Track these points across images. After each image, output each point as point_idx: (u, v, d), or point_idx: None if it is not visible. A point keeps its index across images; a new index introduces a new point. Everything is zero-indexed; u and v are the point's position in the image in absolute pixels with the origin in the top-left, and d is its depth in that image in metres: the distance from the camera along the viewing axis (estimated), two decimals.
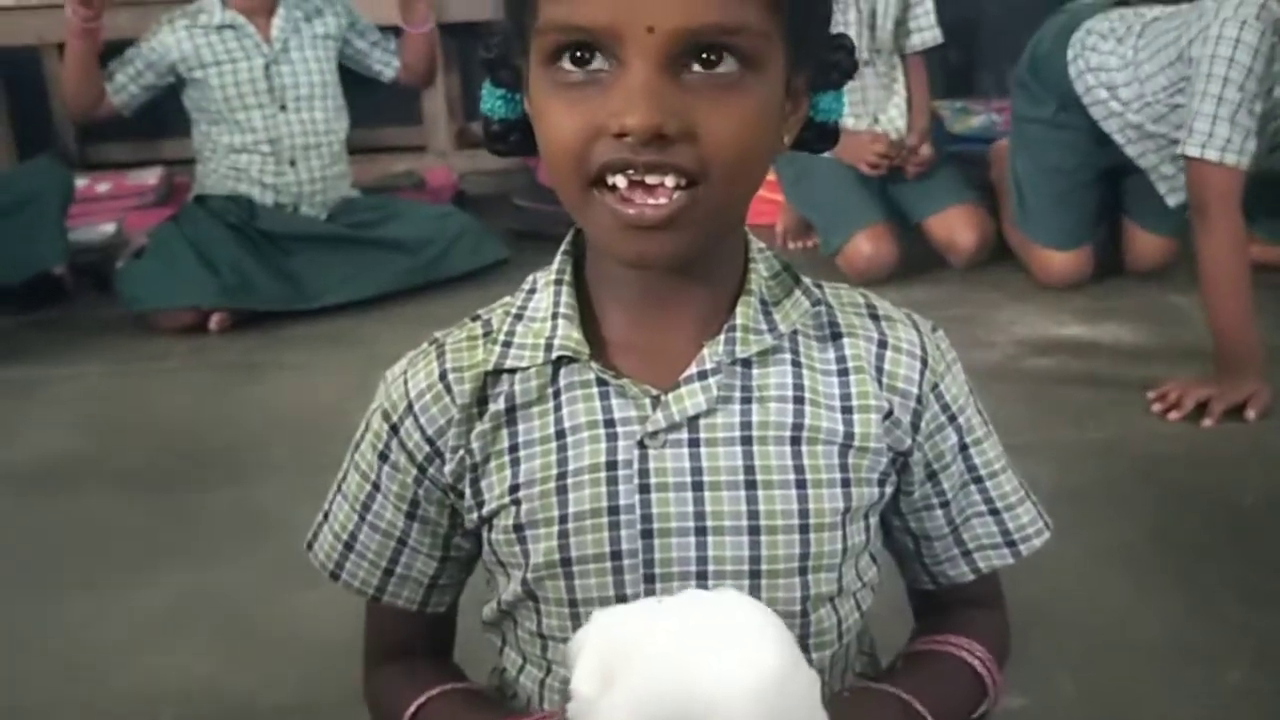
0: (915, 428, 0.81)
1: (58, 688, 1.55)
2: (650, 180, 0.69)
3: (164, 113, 3.13)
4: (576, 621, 0.78)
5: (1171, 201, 2.67)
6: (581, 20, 0.68)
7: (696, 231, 0.72)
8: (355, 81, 3.18)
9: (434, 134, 3.79)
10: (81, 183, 3.49)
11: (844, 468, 0.79)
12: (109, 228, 3.31)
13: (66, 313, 3.01)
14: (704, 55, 0.69)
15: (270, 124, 2.98)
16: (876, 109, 3.05)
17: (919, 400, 0.81)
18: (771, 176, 3.20)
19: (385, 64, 3.19)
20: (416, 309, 2.85)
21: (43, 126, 3.98)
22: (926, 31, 3.06)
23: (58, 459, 2.21)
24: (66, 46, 2.87)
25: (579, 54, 0.69)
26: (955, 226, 2.94)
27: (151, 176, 3.51)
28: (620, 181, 0.70)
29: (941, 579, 0.89)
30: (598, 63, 0.69)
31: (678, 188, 0.70)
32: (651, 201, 0.70)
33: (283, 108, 2.99)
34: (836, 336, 0.80)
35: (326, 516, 0.88)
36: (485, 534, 0.82)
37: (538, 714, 0.79)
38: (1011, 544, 0.87)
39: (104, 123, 3.15)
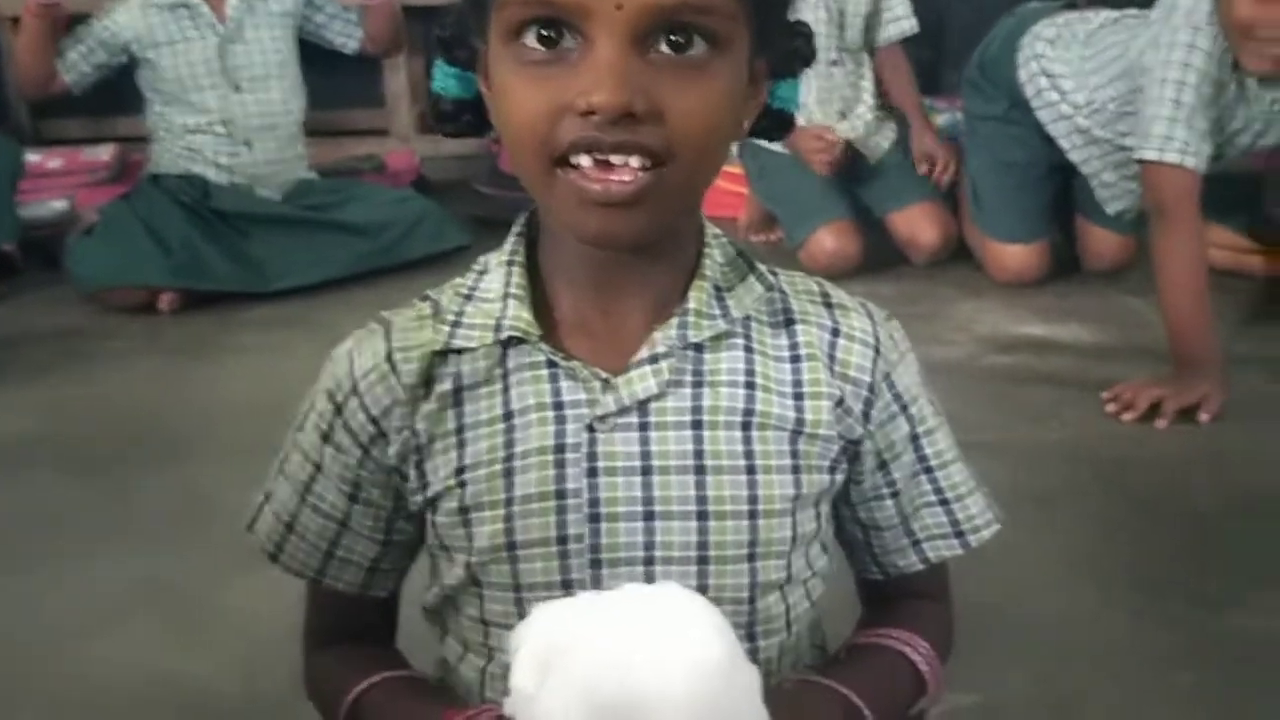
0: (866, 416, 0.80)
1: (7, 670, 1.51)
2: (615, 160, 0.69)
3: (119, 90, 3.07)
4: (520, 607, 0.77)
5: (1111, 209, 2.73)
6: None
7: (660, 211, 0.71)
8: (316, 62, 3.13)
9: (396, 117, 3.75)
10: (34, 158, 3.42)
11: (794, 454, 0.78)
12: (60, 204, 3.24)
13: (15, 290, 2.95)
14: (672, 36, 0.68)
15: (224, 104, 2.93)
16: (844, 107, 3.03)
17: (870, 389, 0.80)
18: (735, 169, 3.20)
19: (348, 35, 3.14)
20: (374, 293, 2.81)
21: None
22: (904, 21, 3.03)
23: (4, 439, 2.16)
24: (22, 23, 2.81)
25: (544, 31, 0.68)
26: (917, 223, 2.94)
27: (105, 153, 3.44)
28: (585, 161, 0.69)
29: (890, 569, 0.88)
30: (565, 41, 0.68)
31: (643, 168, 0.69)
32: (617, 179, 0.69)
33: (237, 88, 2.94)
34: (790, 323, 0.80)
35: (268, 497, 0.86)
36: (430, 517, 0.81)
37: (477, 707, 0.77)
38: (960, 534, 0.87)
39: (55, 100, 3.09)
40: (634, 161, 0.69)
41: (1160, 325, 2.19)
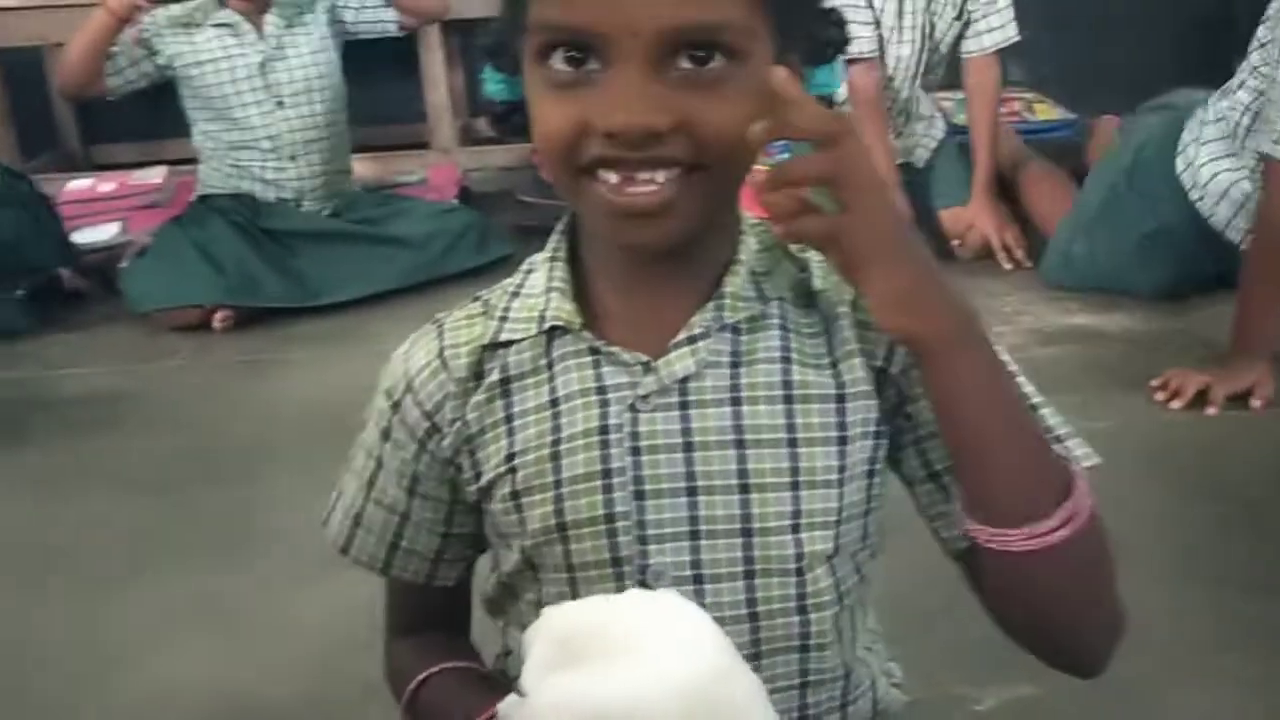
0: (889, 360, 0.80)
1: (64, 687, 1.55)
2: (640, 175, 0.71)
3: (167, 113, 3.14)
4: (574, 588, 0.79)
5: None
6: (568, 21, 0.70)
7: (689, 217, 0.74)
8: (357, 78, 3.18)
9: (438, 131, 3.79)
10: (85, 183, 3.50)
11: (841, 425, 0.79)
12: (113, 228, 3.31)
13: (73, 313, 3.01)
14: (691, 52, 0.70)
15: (268, 121, 2.98)
16: (902, 132, 3.01)
17: (890, 340, 0.79)
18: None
19: (383, 20, 3.15)
20: (421, 306, 2.84)
21: (46, 126, 3.99)
22: (998, 31, 2.89)
23: (64, 458, 2.22)
24: (94, 16, 2.83)
25: (570, 53, 0.71)
26: (969, 220, 2.91)
27: (155, 176, 3.51)
28: (612, 177, 0.72)
29: (949, 544, 0.83)
30: (590, 63, 0.71)
31: (669, 179, 0.71)
32: (643, 190, 0.72)
33: (280, 104, 2.99)
34: (813, 294, 0.81)
35: (339, 494, 0.90)
36: (485, 506, 0.84)
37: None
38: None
39: (104, 124, 3.14)
40: (659, 176, 0.71)
41: (1208, 313, 2.17)
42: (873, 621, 0.91)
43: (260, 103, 2.98)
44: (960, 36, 2.93)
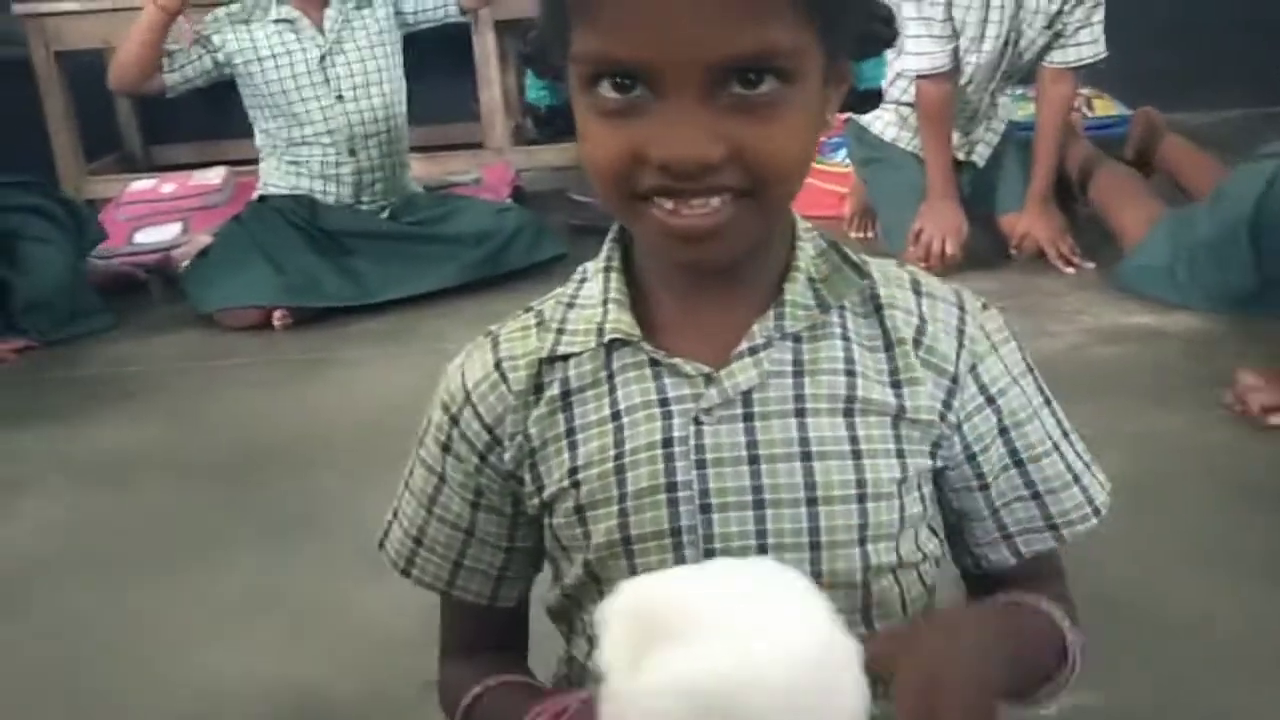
0: (948, 406, 0.81)
1: (127, 678, 1.57)
2: (696, 201, 0.71)
3: (227, 114, 3.18)
4: None
5: None
6: (616, 55, 0.69)
7: (743, 238, 0.74)
8: (411, 79, 3.20)
9: (491, 131, 3.81)
10: (147, 184, 3.56)
11: (897, 439, 0.79)
12: (175, 228, 3.36)
13: (137, 311, 3.07)
14: (743, 75, 0.69)
15: (328, 114, 3.01)
16: (968, 132, 2.98)
17: (954, 380, 0.81)
18: (834, 168, 3.19)
19: (444, 4, 3.16)
20: (476, 305, 2.87)
21: (108, 129, 4.06)
22: (1086, 46, 2.80)
23: (129, 453, 2.25)
24: (144, 12, 2.85)
25: (618, 80, 0.70)
26: (1028, 225, 2.86)
27: (215, 177, 3.56)
28: (666, 203, 0.71)
29: (984, 562, 0.88)
30: (638, 90, 0.70)
31: (724, 203, 0.71)
32: (698, 214, 0.71)
33: (339, 97, 3.02)
34: (878, 310, 0.81)
35: (396, 514, 0.89)
36: (547, 520, 0.83)
37: (572, 692, 0.80)
38: (1054, 527, 0.86)
39: (153, 105, 3.14)
40: (714, 201, 0.71)
41: (1272, 312, 2.13)
42: None
43: (320, 97, 3.01)
44: (1047, 46, 2.86)
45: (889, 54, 0.82)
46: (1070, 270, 2.80)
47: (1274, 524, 1.74)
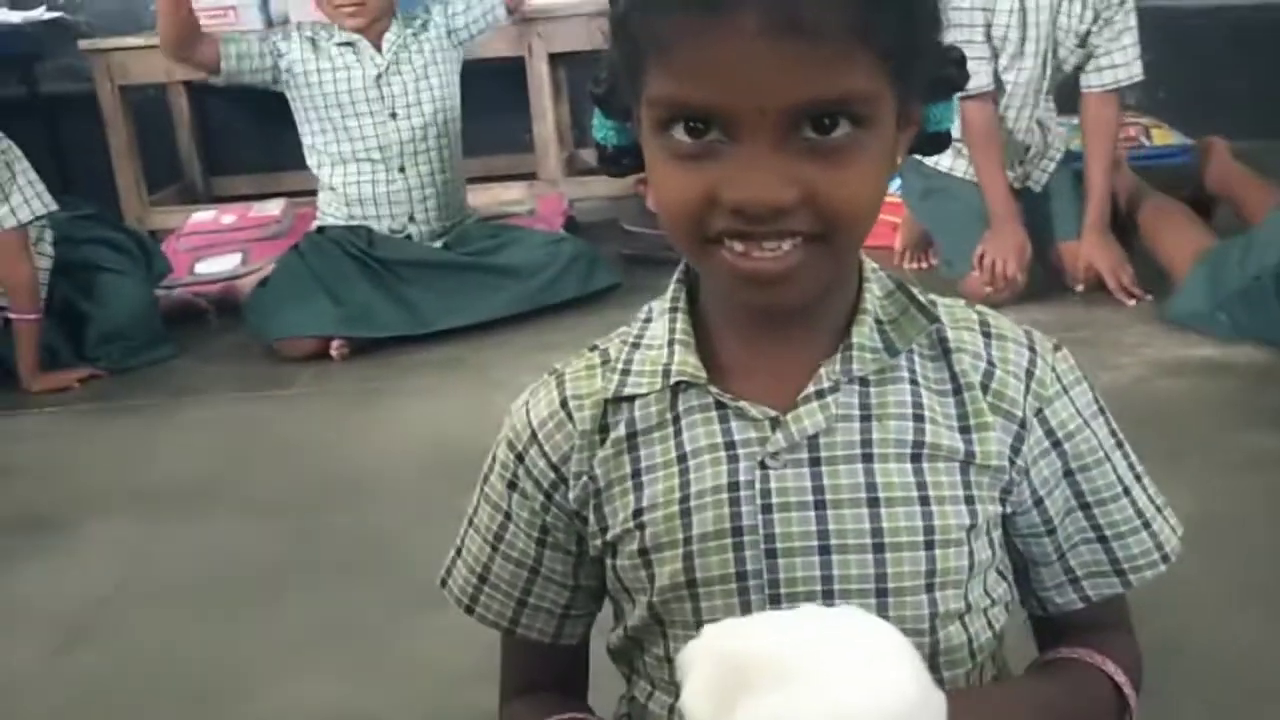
0: (1016, 451, 0.80)
1: (191, 711, 1.58)
2: (767, 244, 0.71)
3: (285, 146, 3.23)
4: None
5: None
6: (691, 100, 0.69)
7: (813, 282, 0.74)
8: (466, 111, 3.23)
9: (545, 162, 3.84)
10: (208, 215, 3.62)
11: (966, 485, 0.79)
12: (235, 259, 3.41)
13: (199, 341, 3.11)
14: (817, 119, 0.69)
15: (381, 131, 3.05)
16: (1022, 159, 2.95)
17: (1021, 424, 0.80)
18: (887, 198, 3.17)
19: (491, 10, 3.19)
20: (530, 336, 2.88)
21: (170, 161, 4.14)
22: (1123, 68, 2.78)
23: (189, 483, 2.28)
24: None
25: (692, 124, 0.70)
26: (1086, 254, 2.82)
27: (274, 208, 3.61)
28: (738, 245, 0.71)
29: (1050, 606, 0.87)
30: (712, 133, 0.70)
31: (795, 246, 0.71)
32: (769, 257, 0.71)
33: (393, 115, 3.05)
34: (946, 353, 0.80)
35: (459, 551, 0.90)
36: (610, 561, 0.83)
37: None
38: (1120, 573, 0.85)
39: (208, 132, 3.14)
40: (785, 245, 0.71)
41: None
42: (1006, 673, 0.89)
43: (375, 113, 3.04)
44: (1080, 66, 2.85)
45: None
46: (1131, 302, 2.76)
47: None
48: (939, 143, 0.81)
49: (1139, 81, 2.85)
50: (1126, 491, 0.84)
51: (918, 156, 0.83)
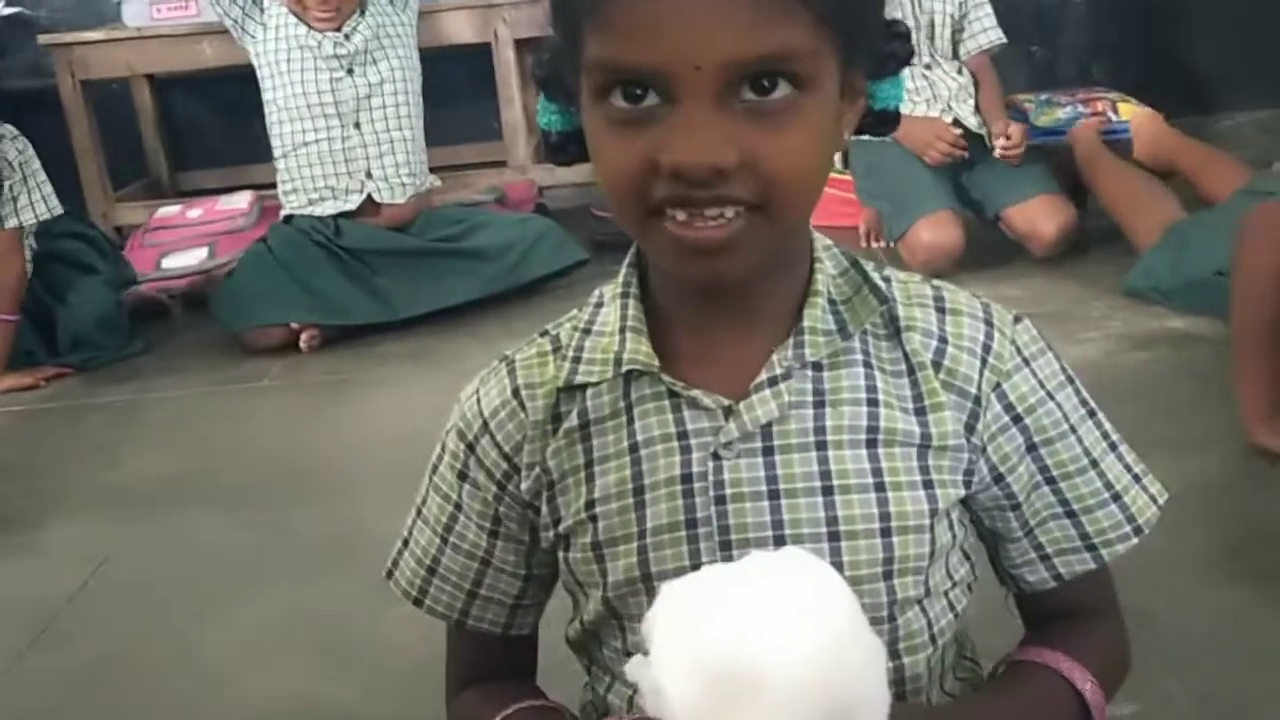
0: (970, 429, 0.78)
1: (163, 705, 1.58)
2: (709, 212, 0.69)
3: (253, 139, 3.20)
4: None
5: None
6: (628, 59, 0.68)
7: (759, 251, 0.72)
8: (435, 101, 3.21)
9: (513, 149, 3.82)
10: (174, 210, 3.59)
11: (924, 469, 0.77)
12: (201, 253, 3.38)
13: (164, 336, 3.09)
14: (756, 81, 0.68)
15: (337, 86, 3.02)
16: (952, 100, 3.03)
17: (976, 401, 0.78)
18: (842, 175, 3.19)
19: None
20: (500, 323, 2.87)
21: (135, 156, 4.09)
22: (990, 32, 3.08)
23: (158, 480, 2.26)
24: None
25: (630, 89, 0.69)
26: (1036, 216, 2.90)
27: (241, 201, 3.58)
28: (680, 215, 0.69)
29: (1024, 585, 0.85)
30: (650, 98, 0.69)
31: (738, 215, 0.69)
32: (711, 226, 0.69)
33: (349, 71, 3.02)
34: (898, 332, 0.79)
35: (406, 543, 0.88)
36: (562, 554, 0.82)
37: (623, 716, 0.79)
38: (1091, 547, 0.83)
39: (174, 126, 3.11)
40: (728, 212, 0.69)
41: None
42: (970, 651, 0.89)
43: (332, 70, 3.01)
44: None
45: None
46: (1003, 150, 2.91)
47: None
48: (887, 121, 0.79)
49: (1101, 44, 3.10)
50: (1094, 464, 0.82)
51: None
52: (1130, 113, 3.54)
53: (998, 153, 2.95)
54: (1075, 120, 3.50)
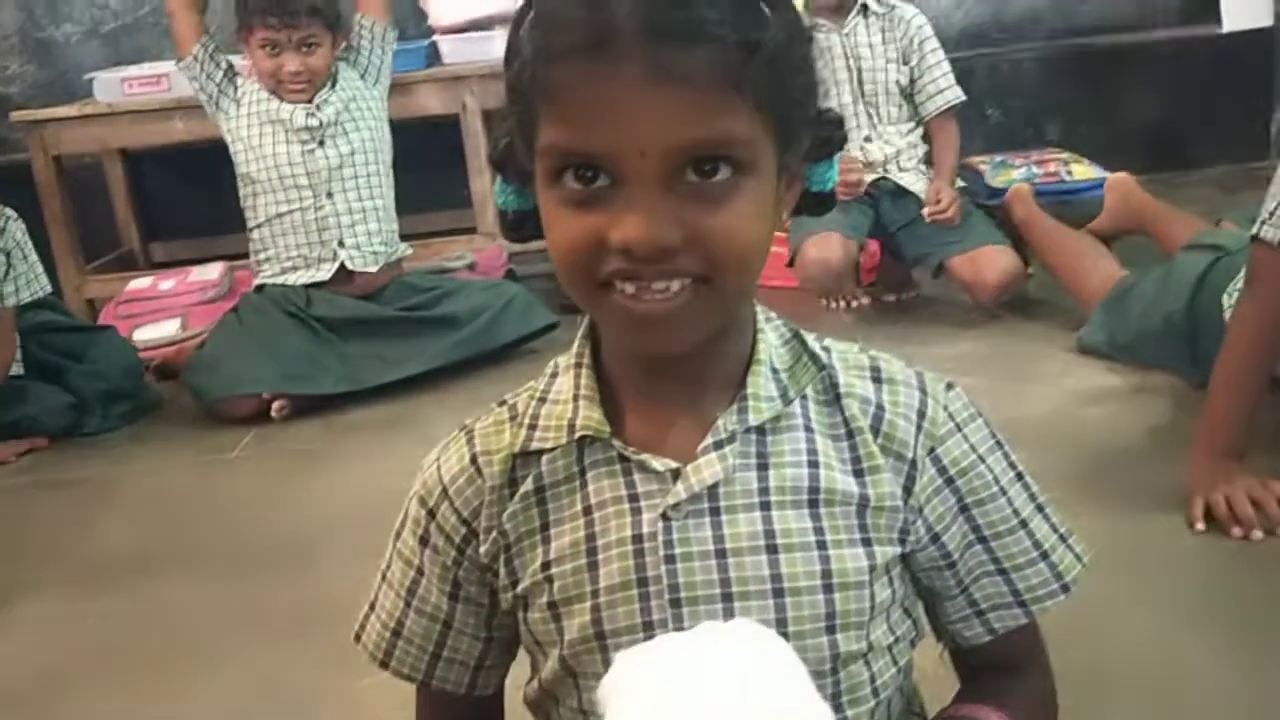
0: (908, 491, 0.82)
1: None
2: (656, 285, 0.74)
3: (224, 209, 3.23)
4: None
5: None
6: (580, 146, 0.73)
7: (704, 323, 0.76)
8: (405, 169, 3.26)
9: (482, 216, 3.87)
10: (145, 282, 3.61)
11: (864, 528, 0.81)
12: (173, 325, 3.40)
13: (135, 409, 3.08)
14: (699, 166, 0.73)
15: (308, 157, 3.05)
16: (888, 164, 3.16)
17: (913, 465, 0.83)
18: None
19: (376, 34, 3.16)
20: (468, 391, 2.89)
21: (107, 229, 4.12)
22: (947, 92, 3.16)
23: (129, 554, 2.26)
24: None
25: (582, 172, 0.74)
26: (981, 264, 2.97)
27: (213, 272, 3.61)
28: (629, 288, 0.74)
29: (960, 640, 0.89)
30: (600, 180, 0.73)
31: (683, 288, 0.74)
32: (658, 299, 0.74)
33: (320, 143, 3.06)
34: (838, 399, 0.83)
35: (373, 606, 0.91)
36: (521, 615, 0.85)
37: None
38: (1023, 604, 0.88)
39: (146, 198, 3.22)
40: (674, 285, 0.74)
41: None
42: (918, 706, 0.92)
43: (304, 142, 3.04)
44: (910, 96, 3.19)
45: None
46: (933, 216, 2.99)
47: (1253, 577, 1.75)
48: (823, 203, 0.85)
49: (1053, 105, 3.12)
50: (1024, 524, 0.87)
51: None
52: (1084, 173, 3.64)
53: (926, 213, 3.02)
54: (1031, 180, 3.59)
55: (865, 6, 3.16)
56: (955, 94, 3.16)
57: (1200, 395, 2.16)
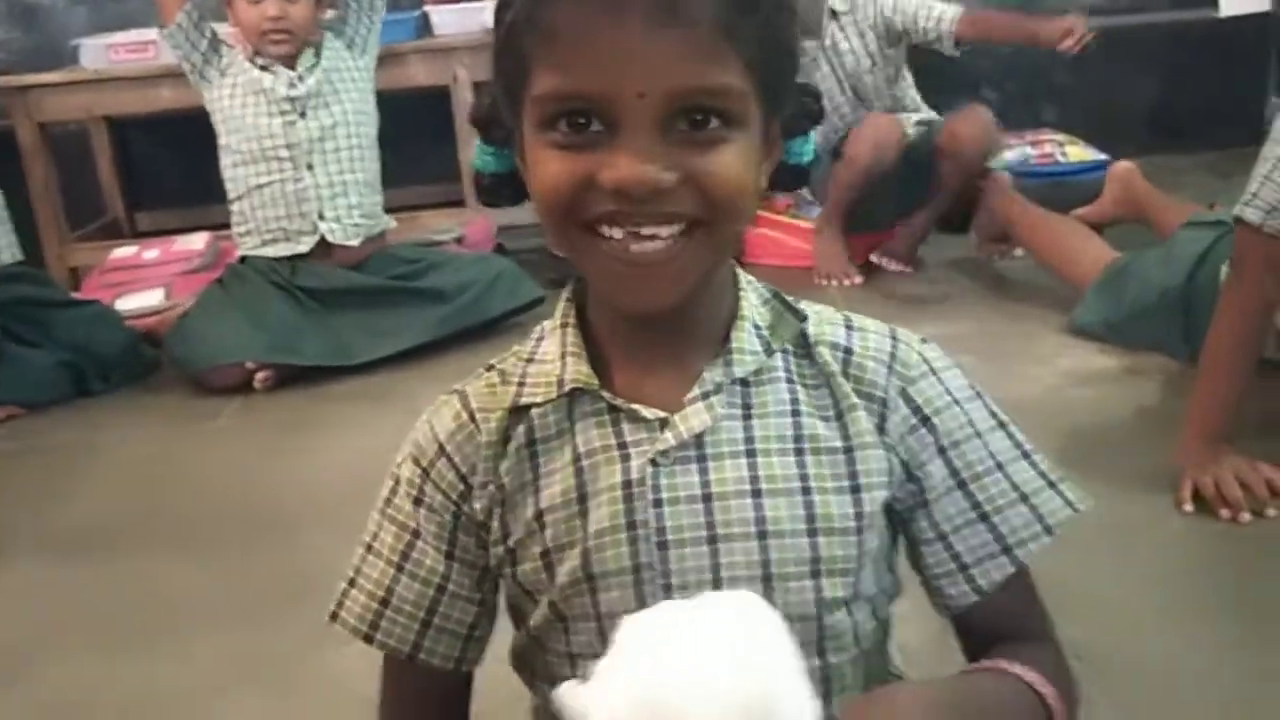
0: (881, 429, 0.84)
1: None
2: (645, 231, 0.75)
3: (210, 179, 3.20)
4: (603, 637, 0.80)
5: None
6: (578, 88, 0.74)
7: (690, 273, 0.77)
8: (392, 143, 3.23)
9: (471, 189, 3.84)
10: (130, 251, 3.58)
11: (852, 475, 0.83)
12: (157, 294, 3.37)
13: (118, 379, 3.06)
14: (691, 117, 0.74)
15: (289, 129, 3.02)
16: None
17: (884, 404, 0.84)
18: (804, 222, 3.24)
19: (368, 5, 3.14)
20: (456, 364, 2.87)
21: (91, 198, 4.08)
22: (946, 10, 3.14)
23: (112, 521, 2.25)
24: None
25: (575, 119, 0.74)
26: (960, 121, 3.11)
27: (198, 242, 3.58)
28: (616, 233, 0.75)
29: (949, 601, 0.88)
30: (594, 126, 0.74)
31: (673, 236, 0.75)
32: (649, 245, 0.75)
33: (302, 114, 3.03)
34: (810, 348, 0.85)
35: (353, 582, 0.90)
36: (508, 570, 0.85)
37: None
38: (1007, 549, 0.87)
39: (131, 166, 3.23)
40: (663, 231, 0.75)
41: None
42: (899, 665, 0.92)
43: (285, 112, 3.01)
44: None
45: None
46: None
47: (1243, 559, 1.75)
48: (799, 176, 0.87)
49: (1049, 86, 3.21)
50: (1000, 466, 0.86)
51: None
52: (1079, 155, 3.63)
53: (1063, 47, 3.03)
54: (1025, 161, 3.58)
55: (833, 11, 3.16)
56: (955, 8, 3.16)
57: (1191, 377, 2.16)
